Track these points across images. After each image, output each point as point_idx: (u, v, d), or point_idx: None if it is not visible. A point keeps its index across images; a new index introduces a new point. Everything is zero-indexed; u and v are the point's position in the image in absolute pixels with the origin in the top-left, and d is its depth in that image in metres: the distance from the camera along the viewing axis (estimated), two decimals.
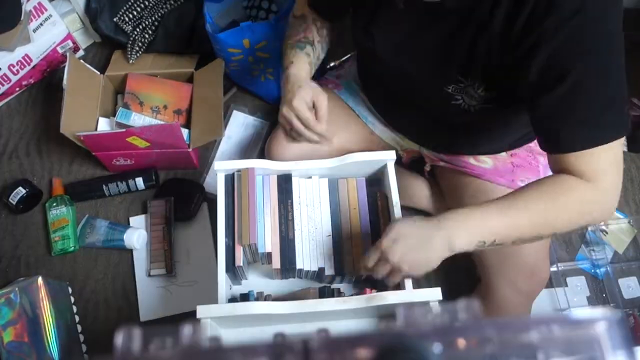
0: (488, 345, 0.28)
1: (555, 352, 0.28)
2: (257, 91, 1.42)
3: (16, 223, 1.31)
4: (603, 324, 0.28)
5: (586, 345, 0.28)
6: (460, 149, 1.05)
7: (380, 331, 0.29)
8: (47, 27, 1.39)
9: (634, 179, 1.36)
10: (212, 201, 1.27)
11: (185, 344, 0.28)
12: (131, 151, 1.24)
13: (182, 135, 1.19)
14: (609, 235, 1.30)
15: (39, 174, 1.37)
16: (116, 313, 1.21)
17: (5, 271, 1.26)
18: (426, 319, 0.29)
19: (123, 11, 1.38)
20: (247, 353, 0.28)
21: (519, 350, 0.28)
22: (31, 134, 1.42)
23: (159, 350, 0.28)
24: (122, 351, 0.28)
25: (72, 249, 1.25)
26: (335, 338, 0.28)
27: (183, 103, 1.33)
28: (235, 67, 1.30)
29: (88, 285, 1.24)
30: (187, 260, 1.25)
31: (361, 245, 0.98)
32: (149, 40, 1.37)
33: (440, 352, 0.27)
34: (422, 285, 1.23)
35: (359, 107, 1.09)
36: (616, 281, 1.25)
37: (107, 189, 1.31)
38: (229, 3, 1.30)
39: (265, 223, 0.99)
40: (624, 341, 0.27)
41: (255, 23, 1.16)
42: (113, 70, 1.37)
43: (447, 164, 1.08)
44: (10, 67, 1.37)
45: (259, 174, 1.03)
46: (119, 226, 1.26)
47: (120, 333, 0.29)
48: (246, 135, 1.38)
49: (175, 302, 1.21)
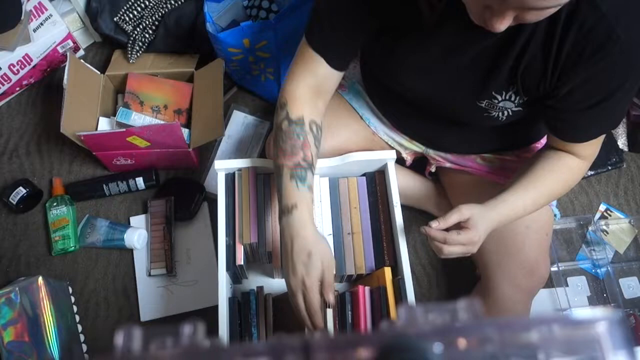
0: (488, 345, 0.28)
1: (556, 352, 0.28)
2: (257, 91, 1.42)
3: (16, 223, 1.31)
4: (604, 324, 0.28)
5: (587, 345, 0.28)
6: (472, 150, 1.04)
7: (380, 331, 0.29)
8: (47, 27, 1.39)
9: (634, 178, 1.36)
10: (213, 201, 1.27)
11: (186, 343, 0.28)
12: (131, 151, 1.24)
13: (182, 135, 1.19)
14: (610, 235, 1.30)
15: (39, 174, 1.37)
16: (116, 313, 1.21)
17: (5, 271, 1.26)
18: (426, 319, 0.29)
19: (123, 11, 1.38)
20: (247, 353, 0.28)
21: (520, 350, 0.28)
22: (31, 134, 1.42)
23: (159, 350, 0.28)
24: (122, 351, 0.28)
25: (72, 248, 1.25)
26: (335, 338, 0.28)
27: (183, 103, 1.33)
28: (235, 67, 1.30)
29: (88, 285, 1.24)
30: (188, 260, 1.25)
31: (362, 244, 0.98)
32: (149, 40, 1.37)
33: (441, 352, 0.27)
34: (423, 283, 1.23)
35: (362, 110, 1.08)
36: (617, 281, 1.25)
37: (107, 189, 1.31)
38: (229, 3, 1.30)
39: (266, 222, 0.99)
40: (625, 341, 0.27)
41: (256, 23, 1.15)
42: (113, 70, 1.37)
43: (453, 164, 1.08)
44: (11, 66, 1.37)
45: (260, 173, 1.03)
46: (120, 226, 1.26)
47: (121, 333, 0.29)
48: (246, 135, 1.38)
49: (175, 302, 1.21)
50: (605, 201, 1.34)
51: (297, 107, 0.87)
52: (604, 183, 1.36)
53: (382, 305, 0.90)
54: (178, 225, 1.28)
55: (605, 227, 1.30)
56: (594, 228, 1.29)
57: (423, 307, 0.29)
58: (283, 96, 0.89)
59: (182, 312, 1.20)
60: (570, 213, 1.32)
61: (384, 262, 0.96)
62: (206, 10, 1.20)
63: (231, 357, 0.28)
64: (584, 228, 1.30)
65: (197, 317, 0.30)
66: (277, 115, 0.89)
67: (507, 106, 0.82)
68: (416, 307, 0.29)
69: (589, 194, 1.35)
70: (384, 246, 0.97)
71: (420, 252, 1.27)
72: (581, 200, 1.34)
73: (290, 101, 0.88)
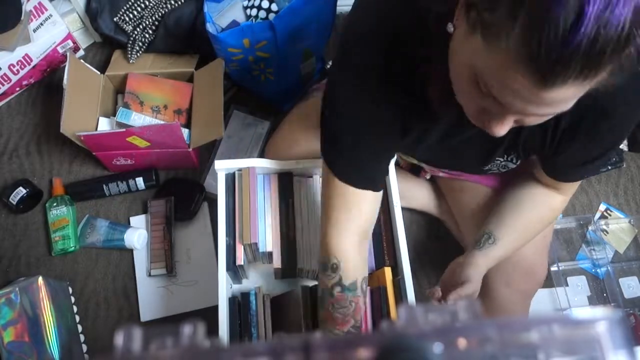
0: (488, 345, 0.28)
1: (556, 352, 0.28)
2: (257, 91, 1.42)
3: (16, 223, 1.31)
4: (604, 324, 0.28)
5: (587, 345, 0.28)
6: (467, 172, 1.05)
7: (380, 331, 0.29)
8: (47, 27, 1.39)
9: (634, 178, 1.36)
10: (212, 201, 1.27)
11: (186, 343, 0.28)
12: (131, 151, 1.24)
13: (182, 135, 1.19)
14: (610, 235, 1.30)
15: (39, 174, 1.37)
16: (116, 313, 1.21)
17: (5, 271, 1.26)
18: (426, 319, 0.29)
19: (123, 11, 1.38)
20: (247, 353, 0.28)
21: (520, 350, 0.28)
22: (31, 134, 1.42)
23: (159, 350, 0.28)
24: (122, 351, 0.28)
25: (72, 248, 1.25)
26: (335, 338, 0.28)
27: (183, 103, 1.33)
28: (235, 67, 1.30)
29: (88, 285, 1.24)
30: (188, 260, 1.25)
31: None
32: (149, 40, 1.37)
33: (441, 352, 0.27)
34: (423, 285, 1.23)
35: None
36: (617, 281, 1.25)
37: (107, 189, 1.31)
38: (229, 3, 1.30)
39: (266, 222, 0.99)
40: (625, 341, 0.27)
41: (256, 23, 1.15)
42: (113, 70, 1.37)
43: (447, 173, 1.08)
44: (11, 67, 1.37)
45: (260, 173, 1.03)
46: (120, 226, 1.26)
47: (121, 333, 0.29)
48: (246, 135, 1.38)
49: (175, 302, 1.21)
50: (605, 201, 1.34)
51: (351, 270, 0.81)
52: (604, 183, 1.36)
53: (382, 305, 0.90)
54: (178, 225, 1.28)
55: (605, 227, 1.30)
56: (594, 228, 1.29)
57: (423, 307, 0.29)
58: (332, 254, 0.81)
59: (182, 312, 1.20)
60: (570, 213, 1.32)
61: (384, 262, 0.96)
62: (206, 11, 1.20)
63: (231, 357, 0.28)
64: (584, 228, 1.30)
65: (197, 317, 0.30)
66: (327, 277, 0.82)
67: (508, 165, 0.85)
68: (416, 307, 0.29)
69: (589, 193, 1.35)
70: (384, 246, 0.97)
71: (420, 252, 1.27)
72: (581, 200, 1.34)
73: (344, 263, 0.80)
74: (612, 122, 0.69)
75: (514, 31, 0.46)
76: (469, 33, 0.53)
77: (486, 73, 0.52)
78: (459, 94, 0.62)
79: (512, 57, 0.47)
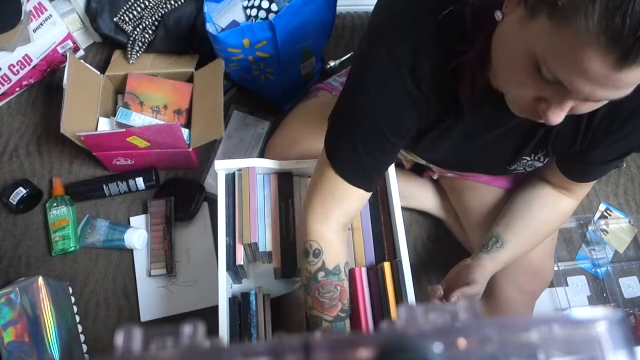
0: (488, 345, 0.28)
1: (556, 351, 0.28)
2: (257, 91, 1.42)
3: (16, 223, 1.31)
4: (603, 324, 0.28)
5: (587, 344, 0.28)
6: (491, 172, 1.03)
7: (380, 331, 0.29)
8: (47, 27, 1.39)
9: (634, 178, 1.36)
10: (212, 201, 1.27)
11: (186, 343, 0.28)
12: (131, 151, 1.24)
13: (182, 135, 1.19)
14: (610, 235, 1.30)
15: (39, 174, 1.37)
16: (117, 313, 1.21)
17: (5, 271, 1.26)
18: (426, 319, 0.29)
19: (123, 11, 1.38)
20: (247, 353, 0.28)
21: (520, 349, 0.28)
22: (31, 134, 1.42)
23: (160, 350, 0.28)
24: (122, 351, 0.28)
25: (72, 249, 1.25)
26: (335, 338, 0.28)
27: (183, 103, 1.33)
28: (235, 67, 1.30)
29: (88, 285, 1.24)
30: (188, 260, 1.25)
31: (362, 244, 0.98)
32: (149, 40, 1.37)
33: (441, 352, 0.27)
34: (423, 285, 1.23)
35: None
36: (617, 280, 1.25)
37: (107, 189, 1.31)
38: (228, 3, 1.30)
39: (266, 222, 0.99)
40: (625, 341, 0.27)
41: (255, 23, 1.15)
42: (113, 70, 1.37)
43: (456, 174, 1.07)
44: (11, 67, 1.37)
45: (260, 173, 1.03)
46: (120, 226, 1.26)
47: (121, 333, 0.29)
48: (246, 135, 1.38)
49: (175, 302, 1.21)
50: (605, 201, 1.34)
51: (333, 254, 0.82)
52: (604, 183, 1.36)
53: (380, 285, 0.91)
54: (178, 225, 1.28)
55: (605, 227, 1.30)
56: (594, 228, 1.29)
57: (423, 307, 0.29)
58: (314, 239, 0.82)
59: (182, 312, 1.20)
60: None
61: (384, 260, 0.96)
62: (206, 11, 1.20)
63: (231, 357, 0.28)
64: (584, 228, 1.30)
65: (197, 317, 0.30)
66: (309, 263, 0.82)
67: (534, 164, 0.83)
68: (416, 307, 0.29)
69: (589, 193, 1.34)
70: (384, 246, 0.97)
71: (420, 252, 1.27)
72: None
73: (326, 248, 0.81)
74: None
75: (594, 9, 0.45)
76: (526, 18, 0.51)
77: (553, 56, 0.50)
78: (508, 84, 0.60)
79: (590, 36, 0.45)
